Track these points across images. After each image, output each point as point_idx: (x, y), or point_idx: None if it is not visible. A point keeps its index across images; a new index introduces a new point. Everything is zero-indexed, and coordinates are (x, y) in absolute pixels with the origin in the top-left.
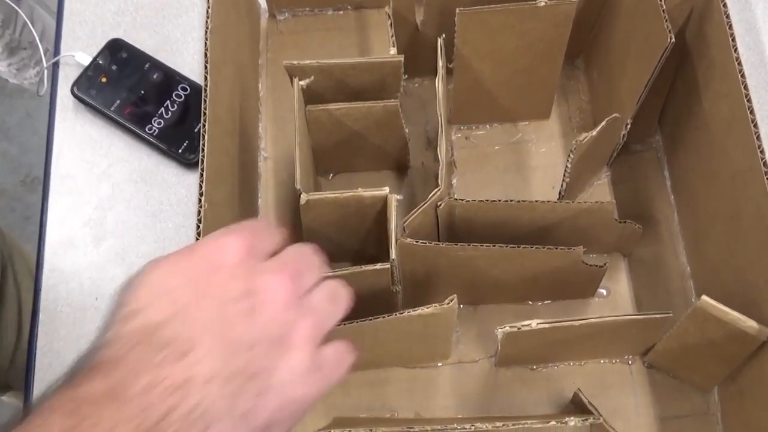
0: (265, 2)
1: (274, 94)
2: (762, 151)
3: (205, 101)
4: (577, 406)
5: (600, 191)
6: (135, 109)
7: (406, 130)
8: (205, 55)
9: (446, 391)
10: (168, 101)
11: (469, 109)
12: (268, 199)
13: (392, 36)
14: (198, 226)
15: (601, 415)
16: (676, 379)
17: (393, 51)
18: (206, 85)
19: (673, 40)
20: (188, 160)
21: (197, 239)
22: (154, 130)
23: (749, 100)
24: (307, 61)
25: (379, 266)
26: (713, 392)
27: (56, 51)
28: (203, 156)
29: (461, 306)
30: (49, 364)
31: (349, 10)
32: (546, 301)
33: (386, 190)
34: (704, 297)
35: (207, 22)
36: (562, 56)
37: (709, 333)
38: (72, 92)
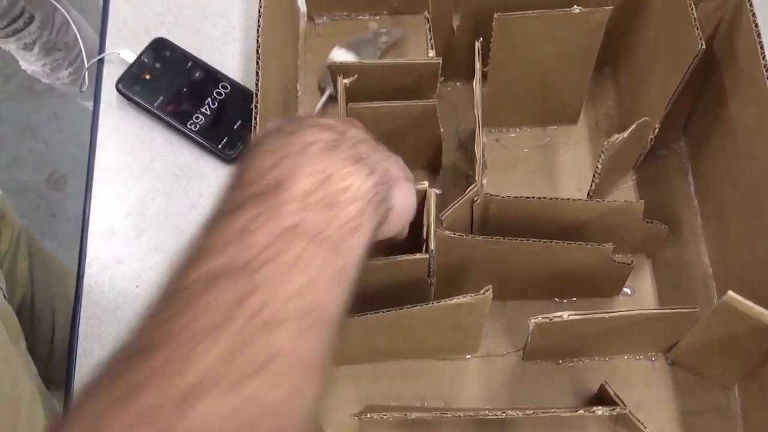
0: (304, 5)
1: (311, 94)
2: None
3: (256, 95)
4: (602, 400)
5: (625, 194)
6: (177, 105)
7: (441, 130)
8: (257, 51)
9: (474, 383)
10: (209, 99)
11: (500, 113)
12: None
13: (431, 39)
14: None
15: (626, 406)
16: (698, 375)
17: (431, 53)
18: (257, 81)
19: (704, 47)
20: (227, 156)
21: None
22: (195, 127)
23: None
24: (350, 61)
25: (417, 256)
26: (734, 388)
27: (101, 48)
28: None
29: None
30: (90, 348)
31: (385, 15)
32: (573, 299)
33: (426, 184)
34: (730, 292)
35: (259, 20)
36: (593, 62)
37: (732, 328)
38: (117, 88)
